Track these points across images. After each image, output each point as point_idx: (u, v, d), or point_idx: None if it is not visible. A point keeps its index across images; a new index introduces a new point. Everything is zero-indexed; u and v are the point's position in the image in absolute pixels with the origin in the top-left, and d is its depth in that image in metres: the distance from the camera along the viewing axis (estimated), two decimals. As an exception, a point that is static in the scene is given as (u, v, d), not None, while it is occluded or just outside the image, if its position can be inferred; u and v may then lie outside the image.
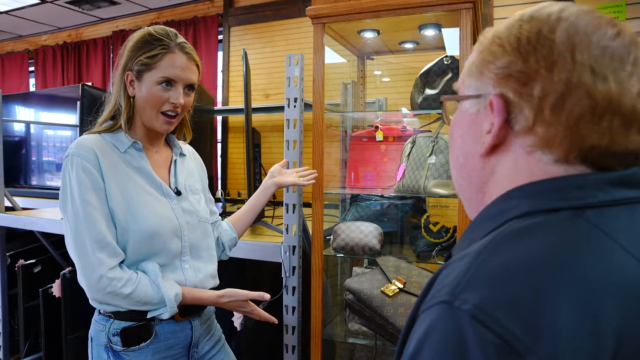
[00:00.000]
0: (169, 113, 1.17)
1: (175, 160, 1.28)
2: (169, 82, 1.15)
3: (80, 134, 2.32)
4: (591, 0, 2.52)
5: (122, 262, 1.13)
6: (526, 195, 0.50)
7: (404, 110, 2.03)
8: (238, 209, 2.83)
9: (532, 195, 0.50)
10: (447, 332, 0.41)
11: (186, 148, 1.36)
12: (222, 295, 1.22)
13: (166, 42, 1.15)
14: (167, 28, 1.20)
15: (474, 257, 0.45)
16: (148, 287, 1.12)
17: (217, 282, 1.31)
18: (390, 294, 1.04)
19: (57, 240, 2.66)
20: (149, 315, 1.14)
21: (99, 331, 1.16)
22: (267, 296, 1.28)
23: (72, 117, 3.73)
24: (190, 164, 1.35)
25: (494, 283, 0.42)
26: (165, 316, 1.14)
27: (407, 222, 1.98)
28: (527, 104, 0.49)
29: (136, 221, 1.13)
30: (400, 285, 1.06)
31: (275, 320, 1.35)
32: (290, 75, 1.77)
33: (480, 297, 0.41)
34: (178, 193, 1.24)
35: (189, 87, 1.19)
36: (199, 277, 1.23)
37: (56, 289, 2.31)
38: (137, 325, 1.14)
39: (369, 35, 1.93)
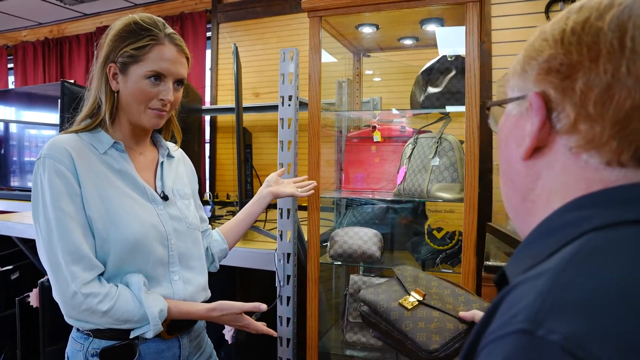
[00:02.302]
0: (157, 110, 1.06)
1: (162, 162, 1.17)
2: (158, 77, 1.04)
3: (60, 132, 2.18)
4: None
5: (102, 274, 1.02)
6: (600, 204, 0.42)
7: (394, 110, 1.94)
8: (227, 212, 2.73)
9: (609, 204, 0.42)
10: None
11: (177, 152, 1.25)
12: (213, 309, 1.11)
13: (155, 32, 1.04)
14: (154, 16, 1.08)
15: (555, 276, 0.36)
16: (129, 303, 1.00)
17: (208, 294, 1.20)
18: (409, 307, 0.95)
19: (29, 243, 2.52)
20: (132, 335, 1.03)
21: (76, 350, 1.04)
22: (263, 307, 1.17)
23: (53, 116, 3.57)
24: (179, 167, 1.23)
25: (589, 309, 0.33)
26: (150, 335, 1.02)
27: (407, 228, 1.88)
28: (569, 100, 0.44)
29: (117, 229, 1.01)
30: (420, 298, 0.97)
31: (275, 334, 1.24)
32: (285, 72, 1.67)
33: (572, 326, 0.32)
34: (165, 198, 1.12)
35: (179, 81, 1.09)
36: (189, 290, 1.12)
37: (34, 298, 2.17)
38: (118, 345, 1.02)
39: (367, 30, 1.83)
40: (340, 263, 1.71)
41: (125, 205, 1.04)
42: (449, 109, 1.62)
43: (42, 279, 2.12)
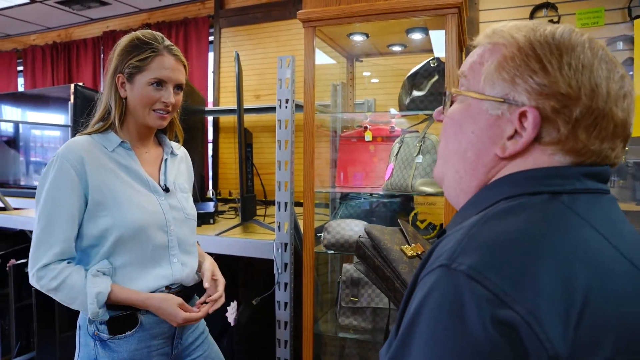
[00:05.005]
0: (160, 111, 1.23)
1: (166, 159, 1.34)
2: (159, 83, 1.21)
3: (73, 135, 2.34)
4: (572, 6, 2.61)
5: (71, 260, 1.16)
6: (513, 182, 0.58)
7: (393, 111, 2.09)
8: (230, 207, 2.88)
9: (518, 182, 0.58)
10: (446, 289, 0.48)
11: (180, 150, 1.42)
12: (149, 298, 1.18)
13: (155, 45, 1.22)
14: (154, 32, 1.27)
15: (468, 229, 0.53)
16: (76, 281, 1.13)
17: (198, 279, 1.34)
18: (409, 254, 1.09)
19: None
20: (89, 313, 1.14)
21: (86, 319, 1.20)
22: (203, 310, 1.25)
23: (61, 117, 3.73)
24: (181, 165, 1.40)
25: (485, 250, 0.49)
26: (90, 315, 1.13)
27: (395, 220, 2.03)
28: (563, 122, 0.55)
29: (122, 216, 1.17)
30: (419, 252, 1.11)
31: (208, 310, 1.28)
32: (282, 77, 1.82)
33: (474, 261, 0.48)
34: (166, 190, 1.29)
35: (178, 86, 1.26)
36: (185, 271, 1.28)
37: (49, 287, 2.32)
38: (123, 315, 1.18)
39: (358, 38, 1.99)
40: (333, 252, 1.86)
41: (130, 195, 1.21)
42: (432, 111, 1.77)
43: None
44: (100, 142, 1.23)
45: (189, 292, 1.30)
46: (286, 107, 1.81)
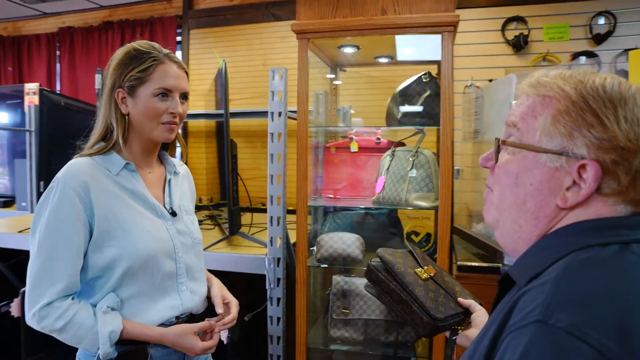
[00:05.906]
0: (168, 123, 1.14)
1: (170, 180, 1.26)
2: (165, 93, 1.13)
3: (39, 141, 2.18)
4: (541, 21, 2.73)
5: (74, 295, 1.08)
6: (581, 232, 0.59)
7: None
8: (205, 216, 2.79)
9: (586, 232, 0.59)
10: (547, 346, 0.48)
11: (181, 167, 1.34)
12: (163, 335, 1.12)
13: (155, 54, 1.14)
14: (149, 41, 1.19)
15: (556, 282, 0.53)
16: (85, 320, 1.05)
17: (206, 304, 1.28)
18: (423, 277, 1.10)
19: (6, 253, 2.48)
20: (100, 353, 1.06)
21: (90, 355, 1.11)
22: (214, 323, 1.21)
23: (4, 116, 3.45)
24: (184, 184, 1.32)
25: (581, 306, 0.50)
26: (101, 355, 1.05)
27: (383, 232, 2.05)
28: (623, 174, 0.58)
29: (130, 244, 1.10)
30: (432, 274, 1.11)
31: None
32: (275, 90, 1.78)
33: (573, 317, 0.48)
34: (173, 214, 1.21)
35: (184, 95, 1.18)
36: (195, 300, 1.21)
37: (15, 308, 2.16)
38: (133, 349, 1.10)
39: (349, 50, 1.98)
40: (327, 265, 1.85)
41: (138, 222, 1.12)
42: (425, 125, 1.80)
43: (23, 289, 2.12)
44: (103, 165, 1.13)
45: (198, 319, 1.24)
46: (279, 120, 1.77)
